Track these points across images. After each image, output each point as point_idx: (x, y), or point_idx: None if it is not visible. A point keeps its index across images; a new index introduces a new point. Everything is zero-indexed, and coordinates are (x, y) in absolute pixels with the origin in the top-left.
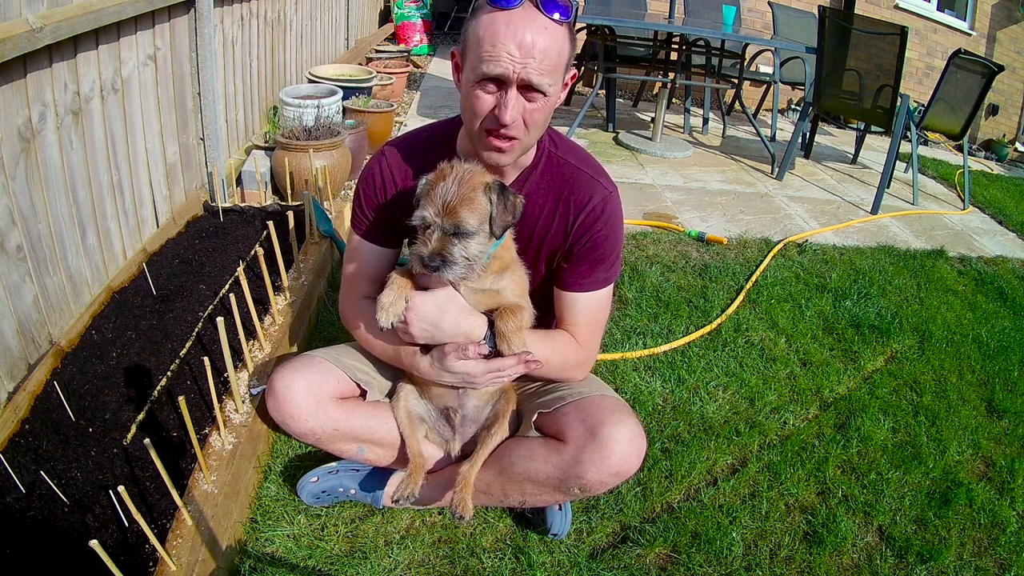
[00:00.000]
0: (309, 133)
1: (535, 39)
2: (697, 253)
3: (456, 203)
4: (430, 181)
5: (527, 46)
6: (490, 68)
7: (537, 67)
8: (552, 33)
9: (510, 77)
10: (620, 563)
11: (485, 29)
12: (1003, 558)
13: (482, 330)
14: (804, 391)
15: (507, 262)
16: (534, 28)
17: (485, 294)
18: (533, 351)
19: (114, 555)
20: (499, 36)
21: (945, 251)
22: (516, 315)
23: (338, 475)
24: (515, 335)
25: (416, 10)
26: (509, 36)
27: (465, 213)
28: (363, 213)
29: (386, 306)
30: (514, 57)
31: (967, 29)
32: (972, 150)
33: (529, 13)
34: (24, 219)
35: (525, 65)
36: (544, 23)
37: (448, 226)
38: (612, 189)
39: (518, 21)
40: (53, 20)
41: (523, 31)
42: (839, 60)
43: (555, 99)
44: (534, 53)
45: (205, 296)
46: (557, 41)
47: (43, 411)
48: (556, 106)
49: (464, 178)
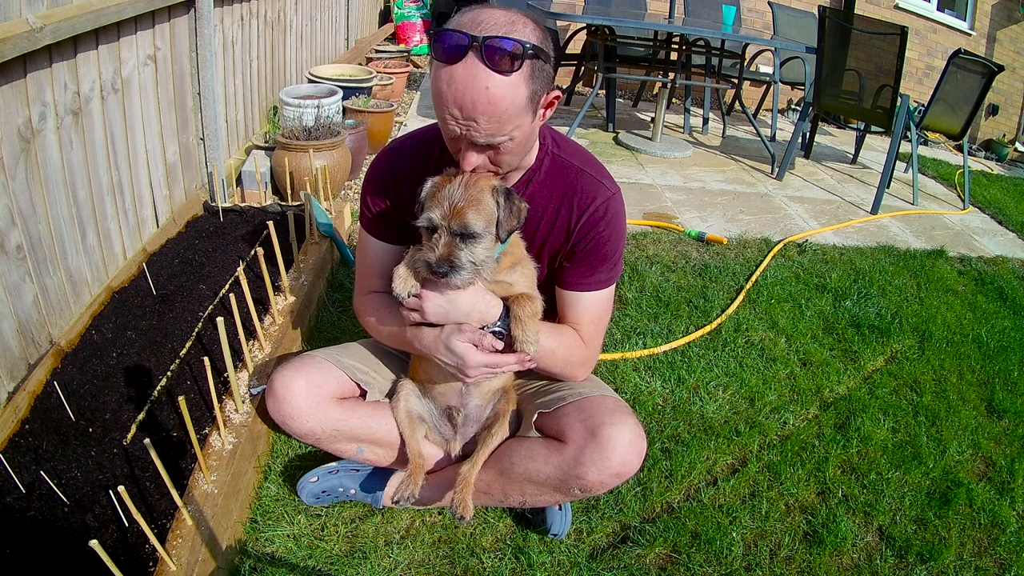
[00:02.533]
0: (309, 133)
1: (475, 101)
2: (697, 253)
3: (463, 205)
4: (436, 184)
5: (467, 109)
6: (442, 127)
7: (484, 128)
8: (497, 87)
9: (459, 137)
10: (620, 563)
11: (432, 84)
12: (1003, 558)
13: (497, 310)
14: (804, 391)
15: (518, 257)
16: (474, 89)
17: (498, 286)
18: (543, 342)
19: (114, 555)
20: (442, 97)
21: (945, 251)
22: (532, 301)
23: (338, 475)
24: (531, 320)
25: (416, 10)
26: (450, 98)
27: (472, 215)
28: (368, 211)
29: (403, 276)
30: (457, 120)
31: (967, 29)
32: (972, 150)
33: (470, 71)
34: (24, 219)
35: (468, 128)
36: (486, 80)
37: (455, 228)
38: (615, 190)
39: (458, 81)
40: (53, 20)
41: (463, 94)
42: (839, 60)
43: (525, 136)
44: (475, 116)
45: (205, 296)
46: (506, 95)
47: (43, 411)
48: (536, 132)
49: (471, 181)
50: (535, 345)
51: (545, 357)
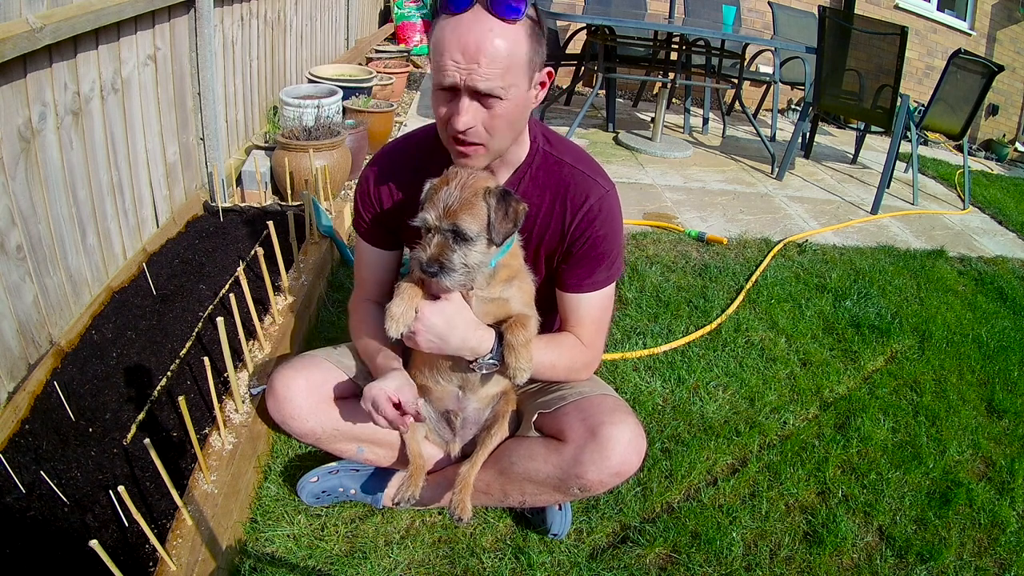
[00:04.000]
0: (309, 133)
1: (480, 43)
2: (697, 253)
3: (456, 207)
4: (434, 186)
5: (471, 52)
6: (439, 77)
7: (484, 72)
8: (501, 35)
9: (457, 84)
10: (620, 563)
11: (435, 37)
12: (1003, 558)
13: (489, 344)
14: (804, 391)
15: (515, 270)
16: (478, 32)
17: (494, 303)
18: (541, 358)
19: (114, 555)
20: (444, 43)
21: (945, 251)
22: (526, 327)
23: (338, 475)
24: (523, 348)
25: (416, 10)
26: (453, 43)
27: (465, 217)
28: (362, 217)
29: (396, 316)
30: (459, 64)
31: (967, 29)
32: (972, 150)
33: (477, 16)
34: (24, 219)
35: (470, 72)
36: (491, 25)
37: (448, 228)
38: (609, 187)
39: (464, 26)
40: (53, 20)
41: (467, 36)
42: (839, 60)
43: (519, 102)
44: (479, 59)
45: (205, 296)
46: (508, 42)
47: (43, 411)
48: (529, 108)
49: (467, 183)
50: (527, 372)
51: (546, 371)
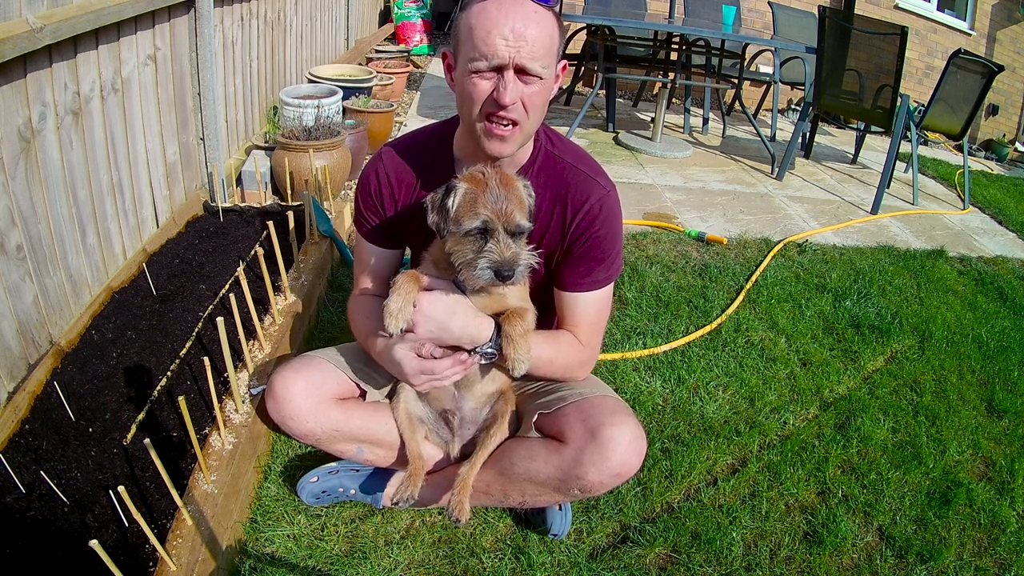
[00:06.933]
0: (309, 133)
1: (526, 24)
2: (697, 253)
3: (509, 205)
4: (470, 190)
5: (519, 31)
6: (486, 55)
7: (531, 51)
8: (541, 19)
9: (506, 61)
10: (620, 563)
11: (476, 18)
12: (1003, 558)
13: (488, 332)
14: (804, 391)
15: None
16: (524, 14)
17: (491, 297)
18: (539, 352)
19: (114, 555)
20: (492, 22)
21: (945, 251)
22: (523, 319)
23: (338, 475)
24: (521, 339)
25: (416, 10)
26: (502, 22)
27: (517, 213)
28: (363, 216)
29: (394, 312)
30: (508, 42)
31: (967, 29)
32: (972, 150)
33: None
34: (24, 219)
35: (519, 49)
36: (533, 8)
37: (511, 228)
38: (610, 188)
39: (508, 8)
40: (53, 20)
41: (514, 17)
42: (839, 60)
43: (551, 85)
44: (526, 37)
45: (205, 296)
46: (547, 26)
47: (43, 411)
48: (552, 94)
49: (503, 180)
50: (526, 363)
51: (543, 367)
